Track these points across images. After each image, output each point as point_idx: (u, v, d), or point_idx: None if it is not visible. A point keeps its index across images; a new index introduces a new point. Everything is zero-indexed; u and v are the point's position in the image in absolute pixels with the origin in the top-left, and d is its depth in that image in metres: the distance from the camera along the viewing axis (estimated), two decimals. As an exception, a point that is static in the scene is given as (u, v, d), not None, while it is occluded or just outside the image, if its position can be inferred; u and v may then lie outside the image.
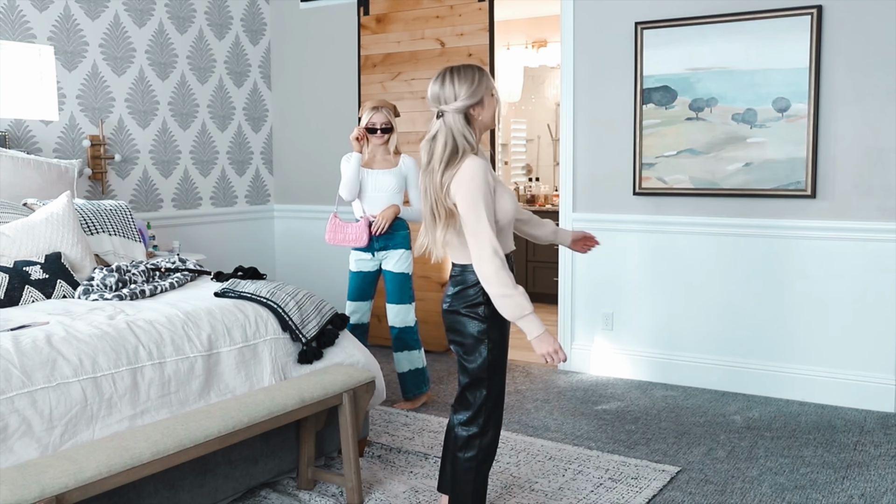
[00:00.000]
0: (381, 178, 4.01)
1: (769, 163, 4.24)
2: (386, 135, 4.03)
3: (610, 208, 4.72)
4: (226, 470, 2.88)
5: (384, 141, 4.03)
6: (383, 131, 4.01)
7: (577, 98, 4.77)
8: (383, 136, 4.02)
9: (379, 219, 3.97)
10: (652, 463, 3.42)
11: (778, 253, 4.28)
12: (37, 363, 2.39)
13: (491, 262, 2.32)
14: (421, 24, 5.26)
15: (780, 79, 4.17)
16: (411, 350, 4.08)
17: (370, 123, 4.00)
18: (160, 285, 3.35)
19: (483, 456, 2.55)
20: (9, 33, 4.40)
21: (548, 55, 7.48)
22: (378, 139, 4.02)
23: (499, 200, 2.41)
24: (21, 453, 2.26)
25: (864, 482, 3.21)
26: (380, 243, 4.03)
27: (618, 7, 4.59)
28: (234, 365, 2.91)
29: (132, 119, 5.11)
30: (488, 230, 2.33)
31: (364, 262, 4.10)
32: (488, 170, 2.40)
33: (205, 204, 5.66)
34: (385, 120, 4.00)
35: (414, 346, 4.10)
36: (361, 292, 4.13)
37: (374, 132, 4.00)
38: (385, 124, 4.01)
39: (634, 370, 4.73)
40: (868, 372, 4.11)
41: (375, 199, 4.02)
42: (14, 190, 3.86)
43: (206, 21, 5.54)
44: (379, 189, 4.01)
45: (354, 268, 4.12)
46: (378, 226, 3.96)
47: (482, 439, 2.54)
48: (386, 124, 4.01)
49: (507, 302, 2.34)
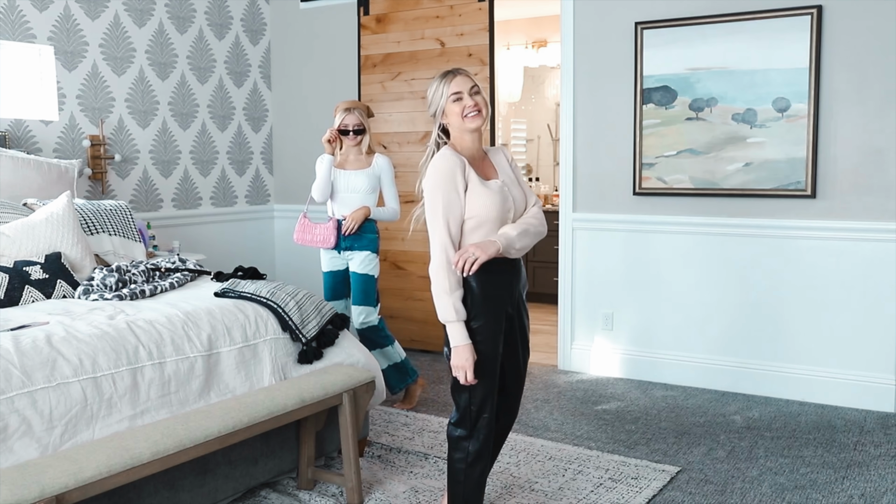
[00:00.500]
0: (354, 179, 4.01)
1: (769, 163, 4.24)
2: (358, 136, 4.02)
3: (610, 208, 4.72)
4: (226, 470, 2.88)
5: (357, 142, 4.03)
6: (356, 133, 4.00)
7: (577, 98, 4.77)
8: (356, 138, 4.01)
9: (349, 220, 3.97)
10: (652, 463, 3.42)
11: (778, 253, 4.28)
12: (37, 363, 2.39)
13: (434, 260, 2.43)
14: (421, 24, 5.26)
15: (780, 79, 4.17)
16: (383, 347, 4.07)
17: (342, 125, 3.99)
18: (160, 285, 3.35)
19: (472, 459, 2.54)
20: (9, 33, 4.40)
21: (548, 55, 7.48)
22: (351, 140, 4.01)
23: (470, 198, 2.44)
24: (21, 453, 2.26)
25: (864, 482, 3.21)
26: (346, 243, 4.03)
27: (618, 7, 4.59)
28: (234, 365, 2.91)
29: (132, 119, 5.11)
30: (439, 227, 2.42)
31: (334, 261, 4.11)
32: (457, 167, 2.44)
33: (205, 204, 5.66)
34: (357, 121, 3.99)
35: (385, 343, 4.08)
36: (335, 292, 4.14)
37: (347, 134, 4.00)
38: (357, 126, 3.99)
39: (634, 370, 4.73)
40: (868, 372, 4.11)
41: (347, 200, 4.03)
42: (14, 190, 3.86)
43: (206, 21, 5.54)
44: (351, 190, 4.01)
45: (326, 267, 4.13)
46: (347, 227, 3.97)
47: (469, 443, 2.53)
48: (358, 126, 4.00)
49: (438, 303, 2.44)
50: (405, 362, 4.16)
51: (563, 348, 4.97)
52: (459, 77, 2.53)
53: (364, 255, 4.03)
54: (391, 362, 4.10)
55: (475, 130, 2.53)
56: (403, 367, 4.15)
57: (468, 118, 2.50)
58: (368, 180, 4.03)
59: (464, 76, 2.54)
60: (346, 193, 4.03)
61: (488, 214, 2.47)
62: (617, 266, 4.73)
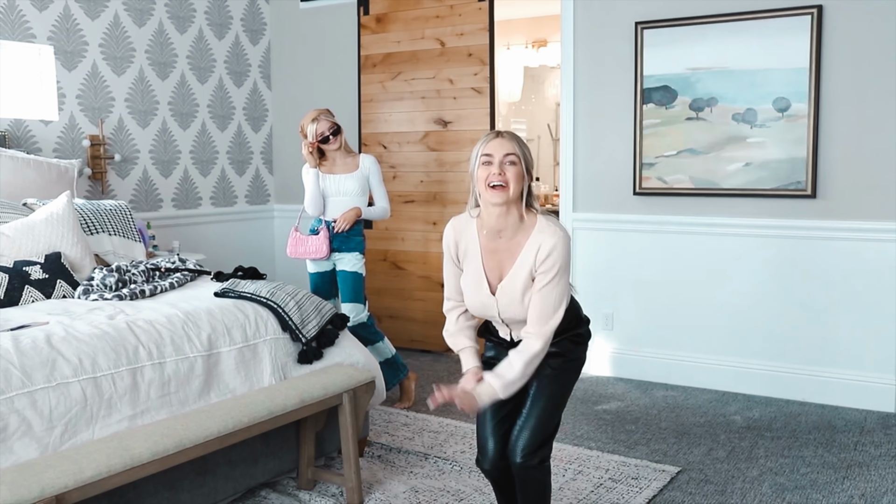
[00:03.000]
0: (344, 183, 4.05)
1: (769, 163, 4.24)
2: (337, 137, 4.02)
3: (610, 208, 4.72)
4: (226, 470, 2.88)
5: (339, 144, 4.04)
6: (334, 134, 4.01)
7: (577, 98, 4.77)
8: (336, 139, 4.02)
9: (340, 220, 4.01)
10: (652, 463, 3.41)
11: (778, 253, 4.28)
12: (37, 363, 2.39)
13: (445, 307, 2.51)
14: (421, 23, 5.26)
15: (780, 79, 4.17)
16: (374, 344, 4.09)
17: (319, 135, 3.99)
18: (160, 285, 3.34)
19: None
20: (9, 33, 4.40)
21: (548, 55, 7.47)
22: (333, 144, 4.02)
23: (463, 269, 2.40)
24: (21, 453, 2.26)
25: (865, 482, 3.21)
26: (335, 244, 4.06)
27: (618, 7, 4.59)
28: (234, 365, 2.91)
29: (132, 119, 5.11)
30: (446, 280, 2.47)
31: (321, 263, 4.14)
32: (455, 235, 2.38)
33: (205, 204, 5.65)
34: (330, 124, 4.01)
35: (376, 339, 4.11)
36: (322, 292, 4.14)
37: (327, 140, 4.01)
38: (331, 128, 4.00)
39: (634, 370, 4.73)
40: (868, 372, 4.11)
41: (339, 204, 4.06)
42: (14, 190, 3.86)
43: (206, 21, 5.54)
44: (343, 193, 4.05)
45: (312, 268, 4.16)
46: (339, 226, 4.00)
47: None
48: (332, 128, 4.01)
49: None
50: (396, 357, 4.19)
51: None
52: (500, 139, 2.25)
53: (353, 255, 4.09)
54: (382, 358, 4.11)
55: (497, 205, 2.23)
56: (394, 362, 4.18)
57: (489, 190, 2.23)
58: (358, 182, 4.06)
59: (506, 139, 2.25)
60: (337, 197, 4.06)
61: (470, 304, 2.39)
62: (617, 266, 4.73)
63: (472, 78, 5.11)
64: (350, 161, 4.10)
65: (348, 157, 4.10)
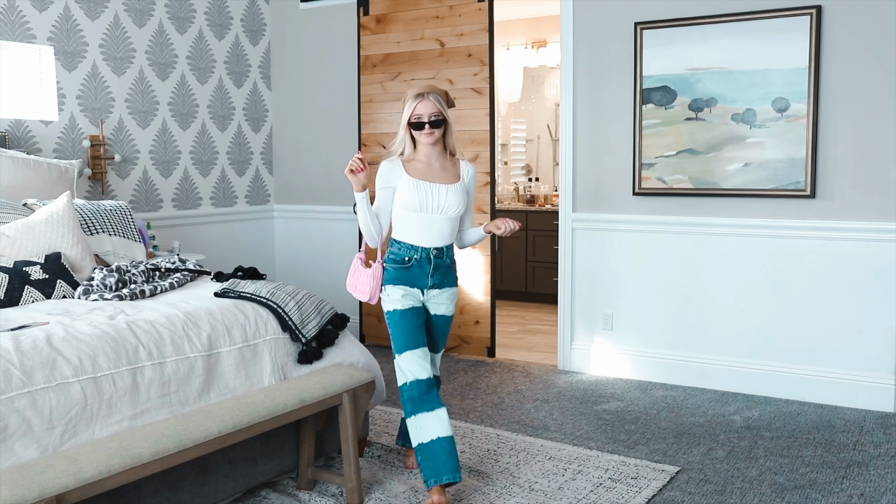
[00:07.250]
0: (447, 197, 3.00)
1: (769, 163, 4.24)
2: (436, 129, 2.97)
3: (610, 208, 4.73)
4: (226, 470, 2.88)
5: (435, 140, 3.00)
6: (432, 125, 2.96)
7: (577, 98, 4.77)
8: (433, 133, 2.97)
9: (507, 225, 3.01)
10: (652, 463, 3.42)
11: (777, 253, 4.29)
12: (37, 363, 2.39)
13: None
14: (421, 24, 5.27)
15: (779, 79, 4.17)
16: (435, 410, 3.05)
17: (415, 116, 2.96)
18: (160, 285, 3.35)
19: None
20: (9, 33, 4.40)
21: (548, 55, 7.49)
22: (427, 137, 2.97)
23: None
24: (21, 453, 2.26)
25: (864, 482, 3.21)
26: (435, 279, 3.05)
27: (618, 7, 4.60)
28: (234, 365, 2.91)
29: (132, 119, 5.11)
30: None
31: (412, 297, 3.03)
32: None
33: (205, 204, 5.66)
34: (434, 110, 2.95)
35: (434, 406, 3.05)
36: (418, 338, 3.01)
37: (421, 127, 2.96)
38: (434, 115, 2.95)
39: (634, 370, 4.73)
40: (868, 372, 4.11)
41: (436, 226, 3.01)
42: (14, 190, 3.86)
43: (205, 21, 5.54)
44: (441, 210, 2.99)
45: (401, 305, 3.01)
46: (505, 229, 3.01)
47: None
48: (436, 115, 2.95)
49: None
50: None
51: (562, 348, 4.97)
52: None
53: (452, 292, 3.12)
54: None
55: None
56: None
57: None
58: (462, 198, 3.03)
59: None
60: (433, 216, 2.99)
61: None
62: (617, 266, 4.74)
63: (472, 78, 5.12)
64: (451, 167, 3.07)
65: (448, 162, 3.08)
